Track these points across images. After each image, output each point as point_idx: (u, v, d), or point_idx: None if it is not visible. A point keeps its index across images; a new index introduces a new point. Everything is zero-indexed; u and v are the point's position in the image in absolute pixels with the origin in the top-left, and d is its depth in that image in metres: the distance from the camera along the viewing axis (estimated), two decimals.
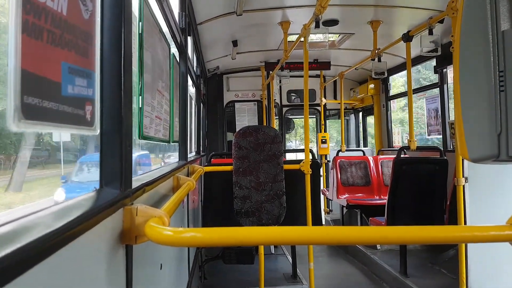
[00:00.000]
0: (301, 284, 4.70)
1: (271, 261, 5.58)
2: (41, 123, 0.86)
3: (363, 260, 6.00)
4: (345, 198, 6.92)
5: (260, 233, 1.23)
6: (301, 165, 4.21)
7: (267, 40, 6.48)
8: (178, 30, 3.16)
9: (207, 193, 4.69)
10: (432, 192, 4.86)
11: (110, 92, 1.27)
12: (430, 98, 6.50)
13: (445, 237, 1.23)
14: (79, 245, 0.94)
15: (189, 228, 1.31)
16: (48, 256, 0.77)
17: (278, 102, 8.85)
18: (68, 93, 1.00)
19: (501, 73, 1.06)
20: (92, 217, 1.02)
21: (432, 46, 4.65)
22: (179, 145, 3.43)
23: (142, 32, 1.80)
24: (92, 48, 1.18)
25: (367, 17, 5.36)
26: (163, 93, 2.37)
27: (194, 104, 5.91)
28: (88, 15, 1.13)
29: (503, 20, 1.08)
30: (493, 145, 1.07)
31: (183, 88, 3.43)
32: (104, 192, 1.26)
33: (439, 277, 4.83)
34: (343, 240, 1.26)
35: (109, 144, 1.28)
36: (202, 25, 5.20)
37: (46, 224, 0.81)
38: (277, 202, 4.18)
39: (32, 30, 0.81)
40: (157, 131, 2.18)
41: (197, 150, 5.97)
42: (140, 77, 1.78)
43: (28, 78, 0.79)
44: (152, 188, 1.81)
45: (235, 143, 4.22)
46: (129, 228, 1.30)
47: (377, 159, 7.40)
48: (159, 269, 2.07)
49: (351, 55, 7.29)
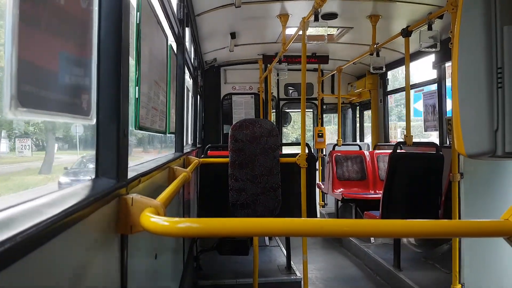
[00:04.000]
0: (295, 276, 4.72)
1: (266, 253, 5.60)
2: (38, 111, 0.86)
3: (357, 253, 6.04)
4: (341, 192, 6.94)
5: (255, 225, 1.24)
6: (297, 159, 4.21)
7: (265, 33, 6.46)
8: (176, 21, 3.14)
9: (203, 185, 4.69)
10: (427, 187, 4.88)
11: (106, 82, 1.27)
12: (427, 94, 6.51)
13: (439, 231, 1.24)
14: (74, 233, 0.94)
15: (184, 219, 1.31)
16: (43, 244, 0.77)
17: (275, 96, 8.84)
18: (64, 82, 1.00)
19: (499, 70, 1.07)
20: (88, 206, 1.02)
21: (431, 42, 4.64)
22: (175, 136, 3.42)
23: (140, 22, 1.79)
24: (90, 38, 1.17)
25: (367, 11, 5.35)
26: (160, 84, 2.36)
27: (191, 96, 5.90)
28: (85, 4, 1.12)
29: (502, 17, 1.08)
30: (490, 141, 1.08)
31: (180, 79, 3.42)
32: (100, 181, 1.26)
33: (432, 271, 4.87)
34: (337, 233, 1.27)
35: (105, 134, 1.28)
36: (200, 17, 5.17)
37: (41, 212, 0.81)
38: (272, 195, 4.19)
39: (29, 19, 0.80)
40: (154, 122, 2.18)
41: (193, 142, 5.96)
42: (137, 68, 1.77)
43: (25, 67, 0.79)
44: (148, 179, 1.81)
45: (232, 135, 4.21)
46: (125, 217, 1.31)
47: (373, 154, 7.42)
48: (154, 259, 2.07)
49: (349, 50, 7.28)
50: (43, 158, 5.10)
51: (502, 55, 1.07)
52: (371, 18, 5.47)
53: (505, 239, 1.19)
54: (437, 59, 5.94)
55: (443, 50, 4.88)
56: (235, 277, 4.67)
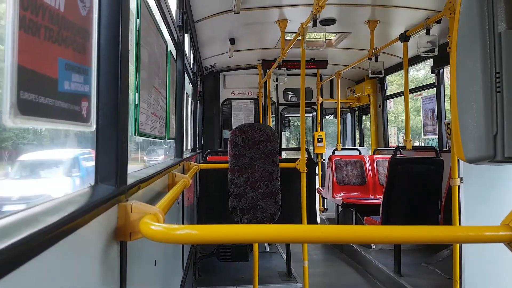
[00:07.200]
0: (295, 282, 4.71)
1: (266, 259, 5.58)
2: (37, 118, 0.86)
3: (357, 259, 6.02)
4: (341, 197, 6.93)
5: (254, 231, 1.23)
6: (297, 164, 4.21)
7: (264, 39, 6.47)
8: (176, 27, 3.15)
9: (203, 191, 4.68)
10: (427, 192, 4.87)
11: (106, 88, 1.27)
12: (426, 98, 6.52)
13: (439, 237, 1.23)
14: (73, 241, 0.93)
15: (183, 225, 1.31)
16: (42, 251, 0.77)
17: (274, 100, 8.85)
18: (64, 89, 1.00)
19: (497, 74, 1.07)
20: (87, 213, 1.01)
21: (429, 46, 4.66)
22: (175, 142, 3.42)
23: (140, 29, 1.79)
24: (89, 45, 1.18)
25: (365, 16, 5.36)
26: (159, 90, 2.36)
27: (191, 102, 5.90)
28: (85, 11, 1.13)
29: (500, 21, 1.08)
30: (489, 146, 1.08)
31: (179, 85, 3.43)
32: (99, 188, 1.26)
33: (433, 277, 4.86)
34: (337, 239, 1.26)
35: (104, 140, 1.28)
36: (200, 23, 5.19)
37: (40, 220, 0.81)
38: (272, 200, 4.18)
39: (29, 27, 0.80)
40: (153, 128, 2.18)
41: (193, 147, 5.96)
42: (137, 74, 1.78)
43: (25, 74, 0.79)
44: (147, 185, 1.80)
45: (231, 140, 4.21)
46: (124, 224, 1.30)
47: (373, 159, 7.42)
48: (153, 265, 2.07)
49: (348, 54, 7.30)
50: None
51: (500, 59, 1.07)
52: (369, 23, 5.49)
53: (506, 245, 1.19)
54: (435, 63, 5.95)
55: (441, 54, 4.89)
56: (235, 283, 4.65)
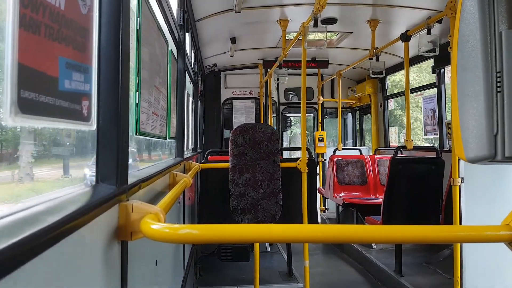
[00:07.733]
0: (296, 282, 4.70)
1: (267, 259, 5.58)
2: (38, 117, 0.86)
3: (358, 258, 6.01)
4: (341, 196, 6.93)
5: (255, 231, 1.23)
6: (298, 163, 4.21)
7: (265, 38, 6.47)
8: (177, 26, 3.15)
9: (203, 190, 4.68)
10: (428, 191, 4.87)
11: (107, 87, 1.27)
12: (427, 98, 6.52)
13: (440, 237, 1.23)
14: (74, 240, 0.93)
15: (184, 225, 1.31)
16: (43, 251, 0.77)
17: (275, 100, 8.84)
18: (65, 88, 1.00)
19: (498, 74, 1.06)
20: (88, 213, 1.01)
21: (430, 46, 4.65)
22: (176, 141, 3.42)
23: (140, 28, 1.79)
24: (90, 43, 1.18)
25: (366, 16, 5.36)
26: (160, 89, 2.36)
27: (192, 101, 5.90)
28: (86, 10, 1.13)
29: (501, 21, 1.08)
30: (489, 145, 1.07)
31: (180, 84, 3.43)
32: (100, 187, 1.26)
33: (434, 277, 4.85)
34: (338, 239, 1.26)
35: (105, 139, 1.28)
36: (201, 22, 5.19)
37: (41, 219, 0.81)
38: (273, 200, 4.18)
39: (29, 25, 0.80)
40: (154, 127, 2.18)
41: (193, 147, 5.96)
42: (137, 73, 1.78)
43: (25, 73, 0.79)
44: (148, 185, 1.80)
45: (232, 140, 4.21)
46: (125, 224, 1.30)
47: (374, 158, 7.41)
48: (154, 265, 2.06)
49: (349, 54, 7.29)
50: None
51: (501, 59, 1.07)
52: (371, 23, 5.49)
53: (506, 244, 1.19)
54: (436, 63, 5.95)
55: (442, 54, 4.89)
56: (236, 283, 4.65)
